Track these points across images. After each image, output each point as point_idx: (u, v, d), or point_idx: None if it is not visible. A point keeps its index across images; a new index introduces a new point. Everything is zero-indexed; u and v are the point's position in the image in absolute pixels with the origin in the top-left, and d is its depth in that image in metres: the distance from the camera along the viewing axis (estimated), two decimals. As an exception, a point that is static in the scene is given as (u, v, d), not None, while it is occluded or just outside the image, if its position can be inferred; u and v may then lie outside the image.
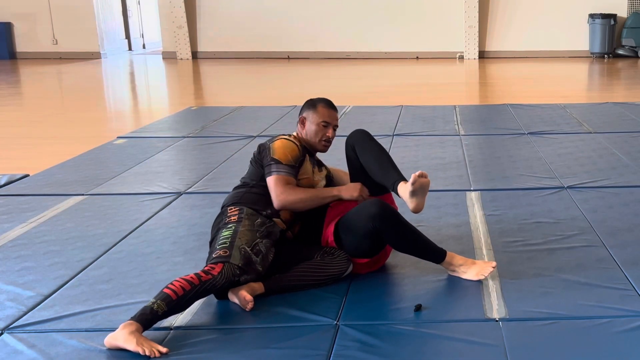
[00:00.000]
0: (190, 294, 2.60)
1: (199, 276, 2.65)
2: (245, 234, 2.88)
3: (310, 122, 3.21)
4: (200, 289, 2.63)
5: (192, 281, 2.62)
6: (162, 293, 2.57)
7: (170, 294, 2.56)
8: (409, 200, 2.96)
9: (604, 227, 3.63)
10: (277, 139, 3.16)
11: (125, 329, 2.46)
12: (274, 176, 3.04)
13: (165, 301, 2.54)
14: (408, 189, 2.94)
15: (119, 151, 5.66)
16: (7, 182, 4.68)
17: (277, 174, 3.04)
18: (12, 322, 2.68)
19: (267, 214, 3.03)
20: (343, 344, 2.48)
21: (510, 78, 11.36)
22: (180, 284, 2.60)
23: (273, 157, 3.07)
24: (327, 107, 3.25)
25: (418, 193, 2.94)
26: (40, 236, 3.65)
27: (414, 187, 2.92)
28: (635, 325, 2.58)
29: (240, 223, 2.93)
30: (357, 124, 3.41)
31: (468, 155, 5.29)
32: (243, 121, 6.92)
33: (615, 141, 5.67)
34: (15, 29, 14.50)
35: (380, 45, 13.84)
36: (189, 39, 14.04)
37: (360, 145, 3.16)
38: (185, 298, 2.58)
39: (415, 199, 2.95)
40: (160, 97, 10.41)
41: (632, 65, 12.23)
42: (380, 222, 2.88)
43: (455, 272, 3.03)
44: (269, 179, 3.05)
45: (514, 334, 2.54)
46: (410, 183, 2.92)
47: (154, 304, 2.53)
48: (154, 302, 2.54)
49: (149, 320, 2.51)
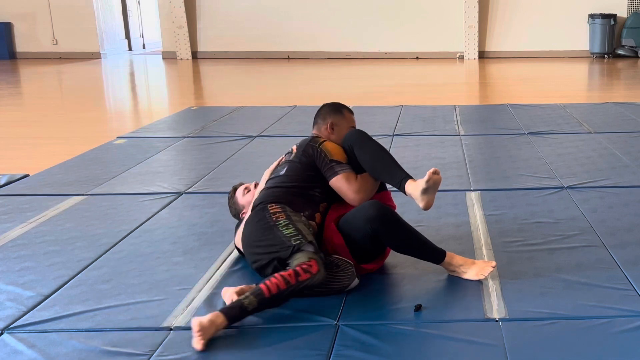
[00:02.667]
0: (286, 293, 2.62)
1: (297, 274, 2.64)
2: (304, 228, 2.89)
3: (339, 127, 3.30)
4: (297, 288, 2.64)
5: (289, 280, 2.62)
6: (257, 288, 2.59)
7: (264, 291, 2.58)
8: (419, 197, 2.95)
9: (604, 227, 3.63)
10: (323, 142, 3.19)
11: (212, 320, 2.49)
12: (344, 174, 3.08)
13: (258, 297, 2.56)
14: (420, 186, 2.93)
15: (119, 151, 5.66)
16: (7, 182, 4.68)
17: (344, 171, 3.09)
18: (12, 322, 2.68)
19: (306, 216, 3.03)
20: (343, 344, 2.48)
21: (510, 78, 11.36)
22: (277, 281, 2.60)
23: (333, 159, 3.12)
24: (350, 113, 3.40)
25: (430, 191, 2.94)
26: (40, 236, 3.65)
27: (427, 185, 2.91)
28: (635, 325, 2.58)
29: (292, 218, 2.92)
30: (357, 124, 3.41)
31: (468, 155, 5.29)
32: (243, 121, 6.92)
33: (615, 141, 5.67)
34: (15, 29, 14.50)
35: (380, 45, 13.84)
36: (189, 39, 14.04)
37: (359, 145, 3.15)
38: (279, 297, 2.61)
39: (426, 196, 2.95)
40: (160, 97, 10.41)
41: (632, 65, 12.23)
42: (378, 224, 2.88)
43: (455, 272, 3.03)
44: (338, 177, 3.09)
45: (514, 334, 2.53)
46: (424, 180, 2.91)
47: (246, 298, 2.55)
48: (247, 296, 2.55)
49: (236, 316, 2.55)
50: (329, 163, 3.11)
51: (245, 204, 3.35)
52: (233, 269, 3.17)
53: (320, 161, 3.12)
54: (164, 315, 2.72)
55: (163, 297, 2.88)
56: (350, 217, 2.99)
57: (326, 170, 3.11)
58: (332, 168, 3.10)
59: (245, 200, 3.35)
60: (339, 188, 3.10)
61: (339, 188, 3.10)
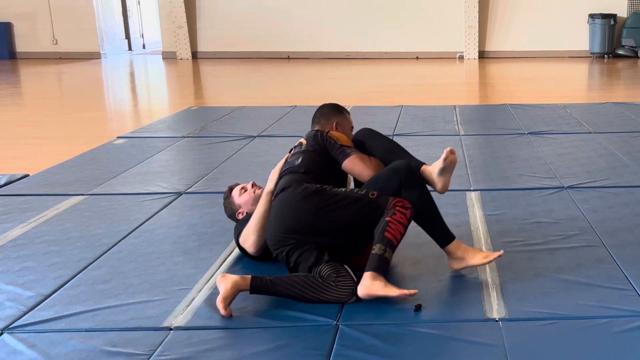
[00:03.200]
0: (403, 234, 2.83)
1: (405, 215, 2.83)
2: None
3: (342, 126, 3.46)
4: (408, 226, 2.86)
5: (403, 222, 2.82)
6: (384, 238, 2.76)
7: (391, 239, 2.77)
8: (437, 179, 3.07)
9: (604, 227, 3.63)
10: (329, 131, 3.32)
11: (377, 280, 2.68)
12: (357, 154, 3.19)
13: (392, 248, 2.77)
14: (438, 166, 3.04)
15: (119, 151, 5.66)
16: (7, 182, 4.68)
17: (355, 152, 3.20)
18: (12, 322, 2.68)
19: None
20: (343, 344, 2.48)
21: (510, 78, 11.36)
22: (396, 227, 2.79)
23: (342, 144, 3.23)
24: (349, 114, 3.59)
25: (447, 170, 3.06)
26: (40, 236, 3.65)
27: (444, 164, 3.02)
28: (635, 325, 2.58)
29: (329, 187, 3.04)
30: (357, 124, 3.41)
31: (468, 155, 5.29)
32: (243, 121, 6.92)
33: (615, 141, 5.67)
34: (15, 29, 14.50)
35: (380, 45, 13.84)
36: (189, 39, 14.04)
37: (370, 139, 3.29)
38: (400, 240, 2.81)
39: (442, 177, 3.07)
40: (160, 97, 10.41)
41: (632, 65, 12.23)
42: (405, 176, 2.98)
43: (459, 261, 3.01)
44: (351, 158, 3.18)
45: (514, 334, 2.54)
46: (441, 159, 3.02)
47: (384, 252, 2.73)
48: (384, 249, 2.73)
49: (385, 269, 2.74)
50: (340, 147, 3.21)
51: (242, 203, 3.33)
52: (233, 269, 3.17)
53: (330, 147, 3.22)
54: (164, 315, 2.72)
55: (163, 297, 2.88)
56: (376, 177, 3.07)
57: (338, 154, 3.20)
58: (343, 151, 3.19)
59: (242, 200, 3.34)
60: (352, 168, 3.18)
61: (352, 168, 3.18)
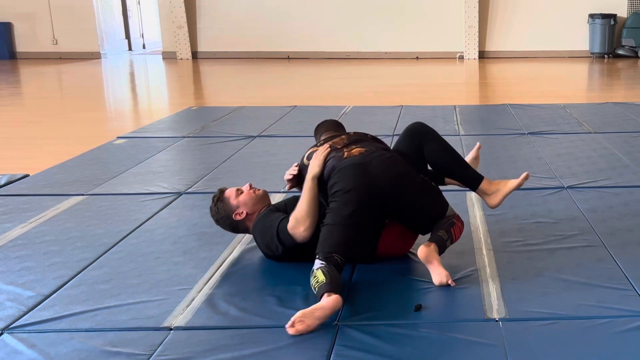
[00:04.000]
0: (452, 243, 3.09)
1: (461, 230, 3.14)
2: None
3: None
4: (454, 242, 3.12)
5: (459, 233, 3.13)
6: (450, 232, 3.04)
7: (453, 238, 3.06)
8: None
9: (604, 227, 3.63)
10: None
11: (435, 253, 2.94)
12: None
13: (449, 243, 3.04)
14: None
15: (119, 151, 5.66)
16: (7, 182, 4.68)
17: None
18: (12, 322, 2.68)
19: None
20: (343, 344, 2.48)
21: (510, 78, 11.36)
22: (458, 231, 3.10)
23: None
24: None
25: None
26: (40, 236, 3.65)
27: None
28: (635, 325, 2.58)
29: None
30: (357, 124, 3.42)
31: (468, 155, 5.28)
32: (243, 121, 6.92)
33: (615, 141, 5.67)
34: (15, 29, 14.51)
35: (380, 45, 13.84)
36: (189, 39, 14.04)
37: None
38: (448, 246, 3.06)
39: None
40: (160, 97, 10.41)
41: (632, 65, 12.23)
42: (422, 134, 3.28)
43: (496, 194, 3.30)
44: None
45: (514, 334, 2.53)
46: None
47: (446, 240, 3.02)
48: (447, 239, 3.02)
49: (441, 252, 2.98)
50: None
51: (241, 204, 3.27)
52: (233, 269, 3.17)
53: None
54: (164, 315, 2.72)
55: (163, 297, 2.88)
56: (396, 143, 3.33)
57: None
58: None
59: (241, 201, 3.26)
60: None
61: None
